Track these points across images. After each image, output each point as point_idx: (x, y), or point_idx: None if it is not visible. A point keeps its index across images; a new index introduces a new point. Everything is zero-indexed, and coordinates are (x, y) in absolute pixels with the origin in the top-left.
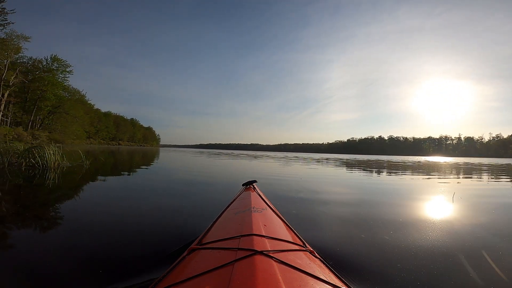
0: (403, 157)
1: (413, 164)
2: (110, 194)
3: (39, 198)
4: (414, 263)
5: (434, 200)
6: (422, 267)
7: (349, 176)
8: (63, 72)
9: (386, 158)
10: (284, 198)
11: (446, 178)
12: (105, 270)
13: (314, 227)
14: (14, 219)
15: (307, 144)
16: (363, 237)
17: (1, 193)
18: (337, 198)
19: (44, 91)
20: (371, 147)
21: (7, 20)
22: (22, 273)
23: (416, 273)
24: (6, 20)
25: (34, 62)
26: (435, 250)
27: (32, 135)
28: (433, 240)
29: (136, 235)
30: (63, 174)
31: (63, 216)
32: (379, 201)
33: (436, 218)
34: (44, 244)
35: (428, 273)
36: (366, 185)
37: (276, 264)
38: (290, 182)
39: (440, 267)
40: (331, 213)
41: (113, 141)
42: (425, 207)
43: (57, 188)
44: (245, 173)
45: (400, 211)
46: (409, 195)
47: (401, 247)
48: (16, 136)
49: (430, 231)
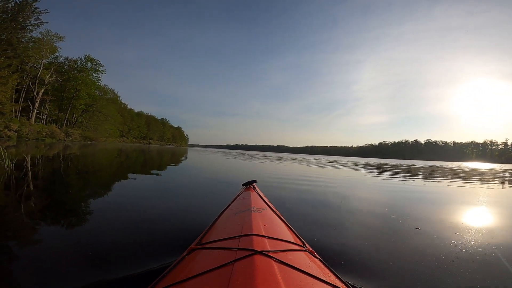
0: (443, 162)
1: (455, 170)
2: (110, 194)
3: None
4: (421, 266)
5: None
6: (425, 269)
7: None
8: (97, 71)
9: (423, 163)
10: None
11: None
12: (105, 270)
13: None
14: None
15: (335, 147)
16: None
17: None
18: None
19: (78, 90)
20: (405, 151)
21: (41, 20)
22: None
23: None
24: (40, 19)
25: (69, 62)
26: (446, 255)
27: (66, 133)
28: (444, 247)
29: (136, 234)
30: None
31: (63, 216)
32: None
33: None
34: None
35: (430, 278)
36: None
37: (276, 264)
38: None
39: (443, 272)
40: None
41: (144, 139)
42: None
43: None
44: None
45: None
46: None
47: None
48: (50, 133)
49: (447, 237)
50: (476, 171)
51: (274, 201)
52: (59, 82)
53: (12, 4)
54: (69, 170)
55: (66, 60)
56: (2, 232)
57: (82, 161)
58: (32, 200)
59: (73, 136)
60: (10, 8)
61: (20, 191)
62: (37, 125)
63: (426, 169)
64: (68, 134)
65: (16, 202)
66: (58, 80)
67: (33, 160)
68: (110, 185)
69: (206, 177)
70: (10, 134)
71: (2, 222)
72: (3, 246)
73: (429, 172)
